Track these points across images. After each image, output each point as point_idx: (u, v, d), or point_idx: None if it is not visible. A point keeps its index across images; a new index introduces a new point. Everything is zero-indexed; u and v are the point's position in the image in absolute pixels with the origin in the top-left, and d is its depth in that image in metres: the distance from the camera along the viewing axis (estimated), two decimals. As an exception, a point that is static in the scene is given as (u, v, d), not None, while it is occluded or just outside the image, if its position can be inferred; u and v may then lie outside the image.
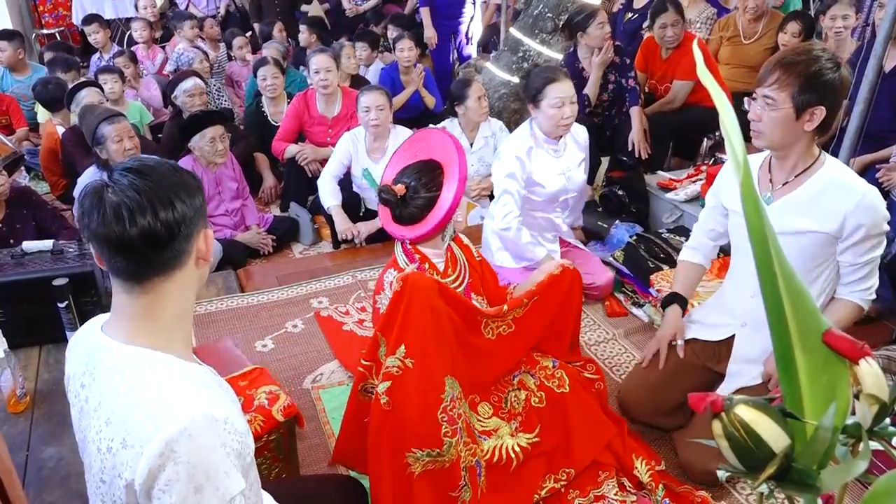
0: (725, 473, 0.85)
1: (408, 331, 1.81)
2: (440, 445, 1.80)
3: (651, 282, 2.89)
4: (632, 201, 3.67)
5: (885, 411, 0.83)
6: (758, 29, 4.59)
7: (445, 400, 1.82)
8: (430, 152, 2.01)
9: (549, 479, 2.03)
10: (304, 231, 3.97)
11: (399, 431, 1.79)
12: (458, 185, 1.90)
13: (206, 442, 1.01)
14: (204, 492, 1.00)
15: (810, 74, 1.80)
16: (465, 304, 1.99)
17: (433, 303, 1.84)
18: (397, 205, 1.96)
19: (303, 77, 5.25)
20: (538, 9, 4.31)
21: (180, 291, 1.14)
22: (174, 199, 1.07)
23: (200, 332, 2.89)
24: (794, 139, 1.91)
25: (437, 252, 2.06)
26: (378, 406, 1.81)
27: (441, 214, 1.93)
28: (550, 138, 2.92)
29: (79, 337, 1.22)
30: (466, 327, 1.99)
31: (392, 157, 2.10)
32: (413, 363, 1.79)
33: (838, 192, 1.89)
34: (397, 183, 1.97)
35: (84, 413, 1.12)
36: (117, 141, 3.22)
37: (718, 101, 0.77)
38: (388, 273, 2.04)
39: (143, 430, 1.00)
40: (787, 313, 0.79)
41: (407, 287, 1.82)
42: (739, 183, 0.75)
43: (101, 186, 1.06)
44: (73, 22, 7.62)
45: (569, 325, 2.23)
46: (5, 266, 2.27)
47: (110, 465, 1.04)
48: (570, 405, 2.09)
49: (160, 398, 1.04)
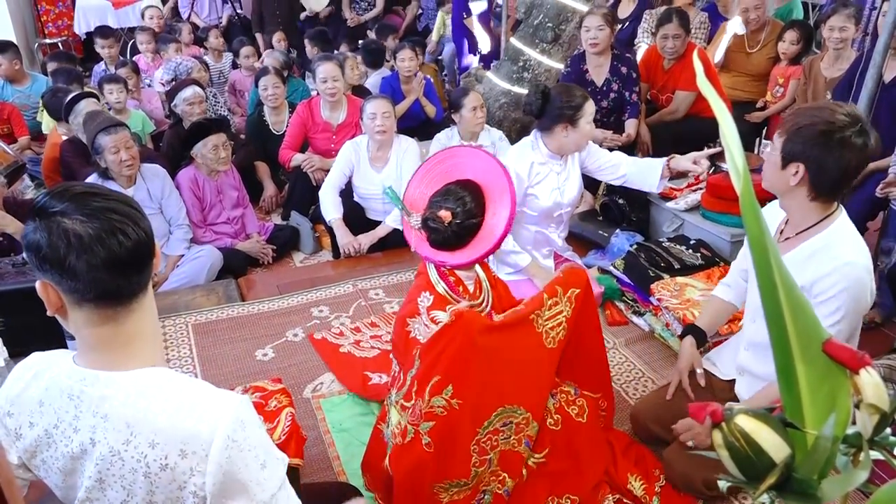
0: (727, 483, 0.85)
1: (457, 370, 1.74)
2: (468, 476, 1.80)
3: (651, 290, 2.89)
4: (632, 210, 3.67)
5: (886, 421, 0.83)
6: (760, 38, 4.61)
7: (481, 433, 1.81)
8: (465, 172, 1.89)
9: (553, 501, 2.01)
10: (304, 240, 3.98)
11: (436, 469, 1.79)
12: (511, 212, 1.80)
13: (253, 423, 1.08)
14: (268, 466, 1.09)
15: (800, 126, 1.73)
16: (518, 322, 1.90)
17: (489, 342, 1.78)
18: (443, 231, 1.84)
19: (306, 86, 5.27)
20: (538, 19, 4.33)
21: (151, 304, 1.14)
22: (133, 209, 1.08)
23: (201, 341, 2.89)
24: (785, 190, 1.84)
25: (469, 274, 1.98)
26: (418, 447, 1.77)
27: (492, 242, 1.81)
28: (556, 155, 2.91)
29: (42, 390, 1.12)
30: (527, 347, 1.91)
31: (416, 175, 1.98)
32: (460, 404, 1.75)
33: (825, 257, 1.79)
34: (439, 207, 1.84)
35: (88, 455, 1.08)
36: (114, 152, 3.23)
37: (718, 111, 0.77)
38: (422, 297, 1.92)
39: (200, 434, 1.03)
40: (788, 323, 0.79)
41: (462, 326, 1.74)
42: (739, 193, 0.75)
43: (60, 226, 1.01)
44: (75, 32, 7.65)
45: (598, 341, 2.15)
46: (6, 275, 2.28)
47: (167, 480, 1.05)
48: (584, 435, 2.07)
49: (199, 401, 1.07)
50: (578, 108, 2.78)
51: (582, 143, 2.87)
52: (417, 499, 1.81)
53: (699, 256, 3.12)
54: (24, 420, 1.13)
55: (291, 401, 2.03)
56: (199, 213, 3.70)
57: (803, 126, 1.74)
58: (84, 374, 1.09)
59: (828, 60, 4.03)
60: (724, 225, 3.26)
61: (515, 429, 1.92)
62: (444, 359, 1.76)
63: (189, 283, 3.38)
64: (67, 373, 1.11)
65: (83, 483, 1.10)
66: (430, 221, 1.84)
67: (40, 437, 1.12)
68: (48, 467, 1.13)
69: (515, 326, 1.89)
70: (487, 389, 1.81)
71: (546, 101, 2.83)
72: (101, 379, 1.08)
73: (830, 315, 1.80)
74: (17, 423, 1.14)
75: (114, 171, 3.29)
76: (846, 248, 1.80)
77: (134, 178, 3.41)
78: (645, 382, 2.65)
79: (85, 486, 1.10)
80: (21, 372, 1.17)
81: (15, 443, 1.15)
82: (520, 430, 1.94)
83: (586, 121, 2.80)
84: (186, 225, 3.58)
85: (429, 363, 1.79)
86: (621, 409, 2.49)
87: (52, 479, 1.14)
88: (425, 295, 1.92)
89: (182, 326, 2.99)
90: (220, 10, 7.52)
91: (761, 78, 4.63)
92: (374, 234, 3.66)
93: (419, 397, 1.79)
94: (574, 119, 2.79)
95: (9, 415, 1.14)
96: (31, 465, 1.16)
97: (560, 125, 2.82)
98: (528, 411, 1.92)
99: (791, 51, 4.39)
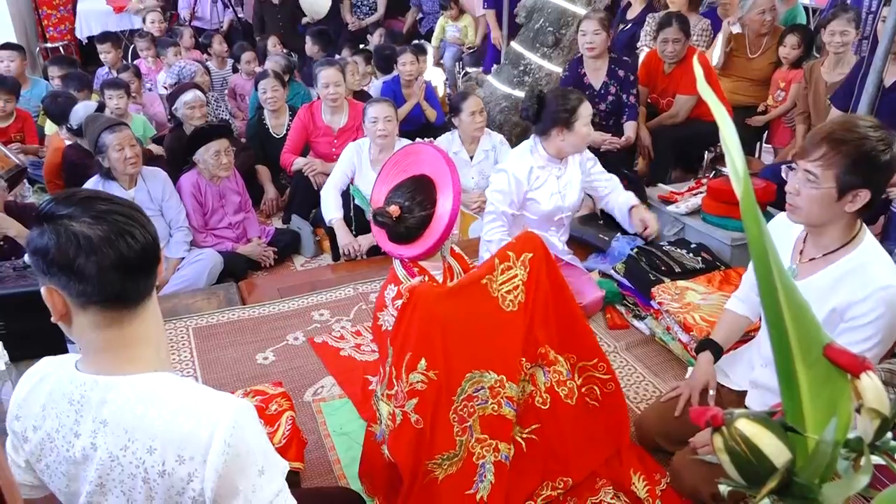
0: (727, 488, 0.85)
1: (425, 343, 1.79)
2: (454, 446, 1.82)
3: (652, 294, 2.89)
4: (633, 214, 3.67)
5: (887, 425, 0.82)
6: (762, 43, 4.61)
7: (456, 401, 1.84)
8: (420, 167, 1.95)
9: (547, 486, 2.03)
10: (305, 243, 3.98)
11: (428, 444, 1.81)
12: (454, 200, 1.86)
13: (252, 428, 1.08)
14: (266, 472, 1.08)
15: (860, 155, 1.66)
16: (474, 286, 1.93)
17: (446, 309, 1.82)
18: (394, 225, 1.91)
19: (306, 90, 5.27)
20: (539, 23, 4.35)
21: (156, 309, 1.15)
22: (138, 213, 1.09)
23: (201, 345, 2.89)
24: (833, 218, 1.77)
25: (435, 265, 2.04)
26: (409, 426, 1.80)
27: (440, 231, 1.88)
28: (556, 159, 2.92)
29: (45, 395, 1.13)
30: (485, 312, 1.93)
31: (380, 175, 2.04)
32: (437, 374, 1.79)
33: (858, 280, 1.74)
34: (390, 203, 1.91)
35: (90, 460, 1.09)
36: (118, 149, 3.24)
37: (718, 115, 0.77)
38: (388, 290, 2.01)
39: (198, 439, 1.03)
40: (788, 327, 0.79)
41: (416, 298, 1.79)
42: (740, 197, 0.75)
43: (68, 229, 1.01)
44: (76, 36, 7.66)
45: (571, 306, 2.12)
46: (7, 279, 2.28)
47: (166, 486, 1.05)
48: (571, 418, 2.07)
49: (197, 406, 1.06)
50: (573, 112, 2.79)
51: (580, 146, 2.88)
52: (419, 478, 1.82)
53: (700, 260, 3.12)
54: (29, 424, 1.14)
55: (292, 404, 2.03)
56: (201, 218, 3.70)
57: (862, 153, 1.66)
58: (85, 378, 1.10)
59: (828, 65, 4.04)
60: (724, 229, 3.26)
61: (490, 392, 1.92)
62: (411, 335, 1.80)
63: (190, 286, 3.38)
64: (69, 378, 1.11)
65: (85, 488, 1.10)
66: (379, 216, 1.90)
67: (43, 441, 1.12)
68: (52, 472, 1.14)
69: (469, 290, 1.92)
70: (453, 357, 1.84)
71: (542, 105, 2.84)
72: (100, 384, 1.08)
73: (866, 340, 1.75)
74: (23, 426, 1.15)
75: (117, 170, 3.29)
76: (880, 269, 1.75)
77: (136, 179, 3.41)
78: (646, 386, 2.65)
79: (86, 492, 1.10)
80: (29, 376, 1.18)
81: (22, 445, 1.16)
82: (496, 392, 1.94)
83: (582, 123, 2.80)
84: (186, 227, 3.59)
85: (398, 345, 1.84)
86: (622, 413, 2.50)
87: (56, 483, 1.15)
88: (391, 287, 1.99)
89: (183, 330, 2.99)
90: (220, 15, 7.54)
91: (762, 82, 4.63)
92: (373, 236, 3.65)
93: (398, 380, 1.83)
94: (569, 122, 2.79)
95: (17, 418, 1.16)
96: (37, 469, 1.17)
97: (556, 129, 2.83)
98: (499, 374, 1.92)
99: (792, 55, 4.40)
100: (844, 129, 1.70)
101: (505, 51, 5.05)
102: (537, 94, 2.85)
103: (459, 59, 7.17)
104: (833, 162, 1.68)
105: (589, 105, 2.83)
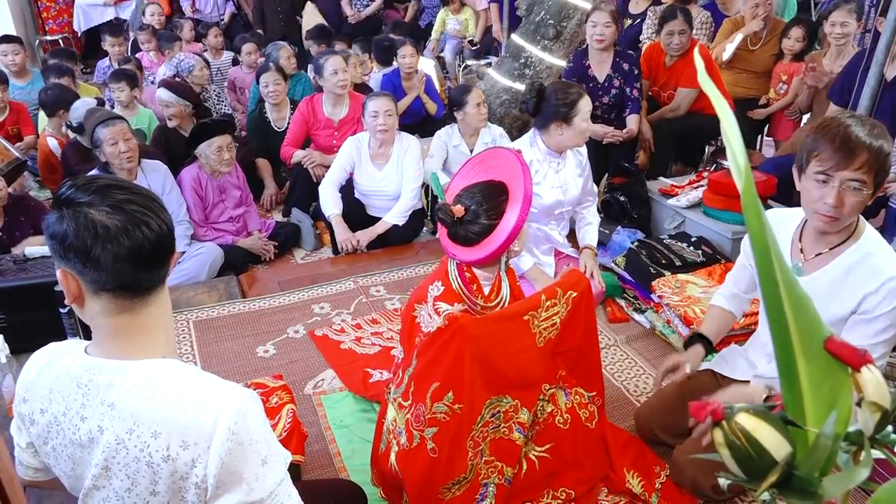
0: (727, 481, 0.85)
1: (455, 377, 1.77)
2: (466, 470, 1.83)
3: (653, 287, 2.89)
4: (633, 207, 3.67)
5: (887, 419, 0.83)
6: (762, 36, 4.60)
7: (476, 428, 1.83)
8: (499, 173, 1.90)
9: (548, 494, 2.03)
10: (305, 237, 3.98)
11: (442, 472, 1.81)
12: (520, 216, 1.81)
13: (256, 416, 1.09)
14: (269, 462, 1.09)
15: (884, 153, 1.71)
16: (516, 321, 1.90)
17: (482, 345, 1.80)
18: (453, 225, 1.86)
19: (308, 81, 5.24)
20: (540, 15, 4.32)
21: (167, 298, 1.16)
22: (155, 202, 1.10)
23: (202, 338, 2.89)
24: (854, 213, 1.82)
25: (487, 276, 1.98)
26: (424, 452, 1.80)
27: (498, 242, 1.82)
28: (555, 153, 2.91)
29: (53, 378, 1.14)
30: (520, 348, 1.91)
31: (462, 167, 2.00)
32: (461, 408, 1.78)
33: (866, 273, 1.78)
34: (458, 202, 1.87)
35: (96, 443, 1.09)
36: (112, 144, 3.24)
37: (719, 108, 0.77)
38: (434, 285, 1.95)
39: (202, 426, 1.04)
40: (789, 320, 0.79)
41: (455, 332, 1.76)
42: (740, 190, 0.75)
43: (87, 216, 1.03)
44: (74, 29, 7.64)
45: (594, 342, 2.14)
46: (7, 271, 2.28)
47: (169, 471, 1.06)
48: (588, 441, 2.08)
49: (203, 393, 1.07)
50: (573, 106, 2.77)
51: (579, 140, 2.86)
52: (427, 500, 1.83)
53: (700, 253, 3.12)
54: (36, 406, 1.15)
55: (293, 397, 2.03)
56: (201, 213, 3.70)
57: (884, 152, 1.70)
58: (94, 362, 1.11)
59: (830, 56, 4.02)
60: (725, 222, 3.26)
61: (503, 416, 1.92)
62: (441, 364, 1.77)
63: (190, 279, 3.38)
64: (78, 362, 1.12)
65: (90, 471, 1.11)
66: (440, 212, 1.87)
67: (50, 424, 1.13)
68: (58, 455, 1.15)
69: (510, 326, 1.89)
70: (478, 386, 1.83)
71: (541, 98, 2.82)
72: (109, 368, 1.10)
73: (881, 332, 1.79)
74: (30, 409, 1.16)
75: (113, 164, 3.29)
76: (887, 259, 1.78)
77: (135, 173, 3.41)
78: (646, 379, 2.65)
79: (92, 474, 1.11)
80: (36, 359, 1.19)
81: (29, 428, 1.18)
82: (508, 417, 1.94)
83: (581, 118, 2.78)
84: (187, 221, 3.58)
85: (424, 364, 1.81)
86: (623, 407, 2.50)
87: (61, 466, 1.16)
88: (437, 284, 1.95)
89: (183, 323, 3.00)
90: (221, 8, 7.52)
91: (763, 75, 4.62)
92: (372, 231, 3.65)
93: (420, 401, 1.81)
94: (568, 117, 2.78)
95: (24, 401, 1.17)
96: (42, 453, 1.18)
97: (555, 123, 2.81)
98: (514, 399, 1.92)
99: (796, 48, 4.38)
100: (867, 129, 1.71)
101: (506, 43, 5.03)
102: (538, 87, 2.83)
103: (460, 52, 7.16)
104: (872, 164, 1.70)
105: (589, 100, 2.81)
